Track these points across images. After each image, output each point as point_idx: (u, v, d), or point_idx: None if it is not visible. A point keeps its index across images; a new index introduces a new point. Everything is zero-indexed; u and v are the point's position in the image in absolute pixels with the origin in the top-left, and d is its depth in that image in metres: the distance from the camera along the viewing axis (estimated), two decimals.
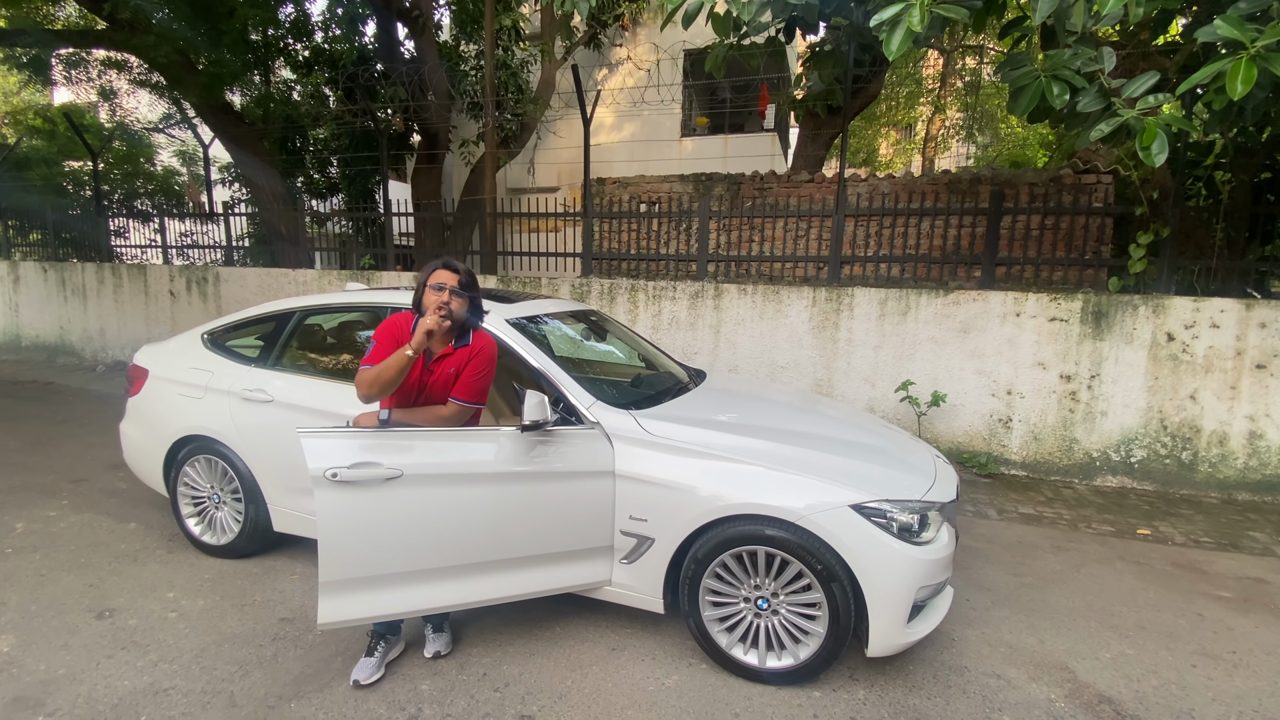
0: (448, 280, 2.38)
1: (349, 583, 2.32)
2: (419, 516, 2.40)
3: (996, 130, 16.11)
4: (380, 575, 2.37)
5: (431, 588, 2.45)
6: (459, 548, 2.48)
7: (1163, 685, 2.57)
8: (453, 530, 2.46)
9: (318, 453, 2.26)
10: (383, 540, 2.36)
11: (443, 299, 2.33)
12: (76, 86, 11.88)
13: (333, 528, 2.28)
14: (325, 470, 2.24)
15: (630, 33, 12.03)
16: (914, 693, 2.49)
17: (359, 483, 2.29)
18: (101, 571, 3.29)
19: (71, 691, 2.39)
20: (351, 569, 2.32)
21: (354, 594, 2.34)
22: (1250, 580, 3.47)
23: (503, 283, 6.69)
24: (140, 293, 8.70)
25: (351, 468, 2.27)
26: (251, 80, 10.45)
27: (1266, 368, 4.54)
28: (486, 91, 7.43)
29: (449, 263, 2.43)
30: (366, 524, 2.33)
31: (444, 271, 2.40)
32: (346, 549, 2.31)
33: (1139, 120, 2.97)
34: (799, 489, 2.43)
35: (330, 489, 2.26)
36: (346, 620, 2.35)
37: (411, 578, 2.42)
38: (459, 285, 2.39)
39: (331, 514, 2.27)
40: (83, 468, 4.81)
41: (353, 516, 2.30)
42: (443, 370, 2.45)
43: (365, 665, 2.51)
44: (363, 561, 2.34)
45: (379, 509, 2.33)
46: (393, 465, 2.32)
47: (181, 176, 14.71)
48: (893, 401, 5.38)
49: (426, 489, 2.39)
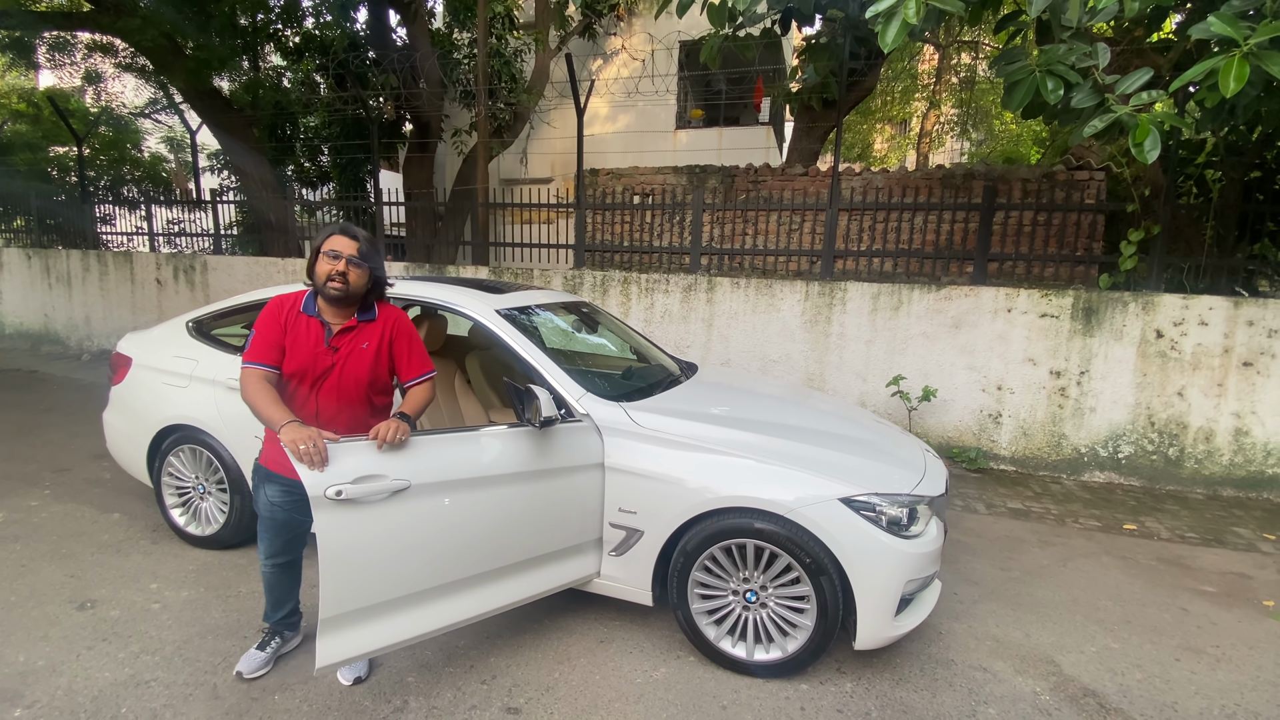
0: (344, 248, 2.14)
1: (353, 615, 2.05)
2: (429, 530, 2.20)
3: (990, 126, 16.14)
4: (386, 601, 2.13)
5: (438, 607, 2.26)
6: (467, 559, 2.31)
7: (1147, 679, 2.59)
8: (461, 540, 2.29)
9: (314, 472, 1.96)
10: (392, 561, 2.12)
11: (337, 268, 2.12)
12: (61, 70, 11.68)
13: (338, 555, 1.99)
14: (327, 489, 1.95)
15: (625, 22, 11.94)
16: (901, 685, 2.49)
17: (363, 500, 2.02)
18: (83, 562, 3.25)
19: (51, 683, 2.36)
20: (359, 599, 2.05)
21: (358, 626, 2.06)
22: (1234, 575, 3.51)
23: (495, 273, 6.65)
24: (126, 281, 8.59)
25: (355, 483, 2.00)
26: (240, 66, 10.29)
27: (1253, 365, 4.57)
28: (479, 80, 7.35)
29: (347, 228, 2.19)
30: (374, 546, 2.07)
31: (341, 238, 2.16)
32: (353, 577, 2.03)
33: (1132, 117, 2.97)
34: (789, 482, 2.42)
35: (333, 510, 1.97)
36: (347, 659, 2.07)
37: (418, 599, 2.20)
38: (358, 254, 2.16)
39: (336, 539, 1.98)
40: (66, 457, 4.75)
41: (359, 539, 2.04)
42: (351, 346, 2.22)
43: (253, 658, 2.42)
44: (371, 589, 2.08)
45: (388, 526, 2.09)
46: (399, 475, 2.09)
47: (169, 163, 14.53)
48: (884, 396, 5.39)
49: (435, 498, 2.19)
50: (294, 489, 2.22)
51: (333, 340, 2.21)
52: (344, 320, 2.24)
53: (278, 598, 2.48)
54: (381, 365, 2.29)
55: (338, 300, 2.19)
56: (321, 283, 2.17)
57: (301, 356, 2.18)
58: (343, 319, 2.24)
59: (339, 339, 2.22)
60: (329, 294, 2.17)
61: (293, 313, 2.22)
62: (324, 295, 2.19)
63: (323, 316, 2.23)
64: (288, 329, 2.19)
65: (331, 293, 2.16)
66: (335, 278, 2.14)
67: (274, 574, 2.44)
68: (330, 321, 2.23)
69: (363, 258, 2.18)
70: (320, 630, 2.00)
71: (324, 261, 2.15)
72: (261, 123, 10.08)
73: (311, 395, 2.21)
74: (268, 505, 2.32)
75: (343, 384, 2.22)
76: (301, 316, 2.22)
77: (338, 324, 2.23)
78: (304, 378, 2.19)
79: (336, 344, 2.21)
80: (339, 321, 2.24)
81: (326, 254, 2.15)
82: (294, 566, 2.49)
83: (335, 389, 2.22)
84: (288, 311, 2.22)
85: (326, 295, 2.18)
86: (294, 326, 2.21)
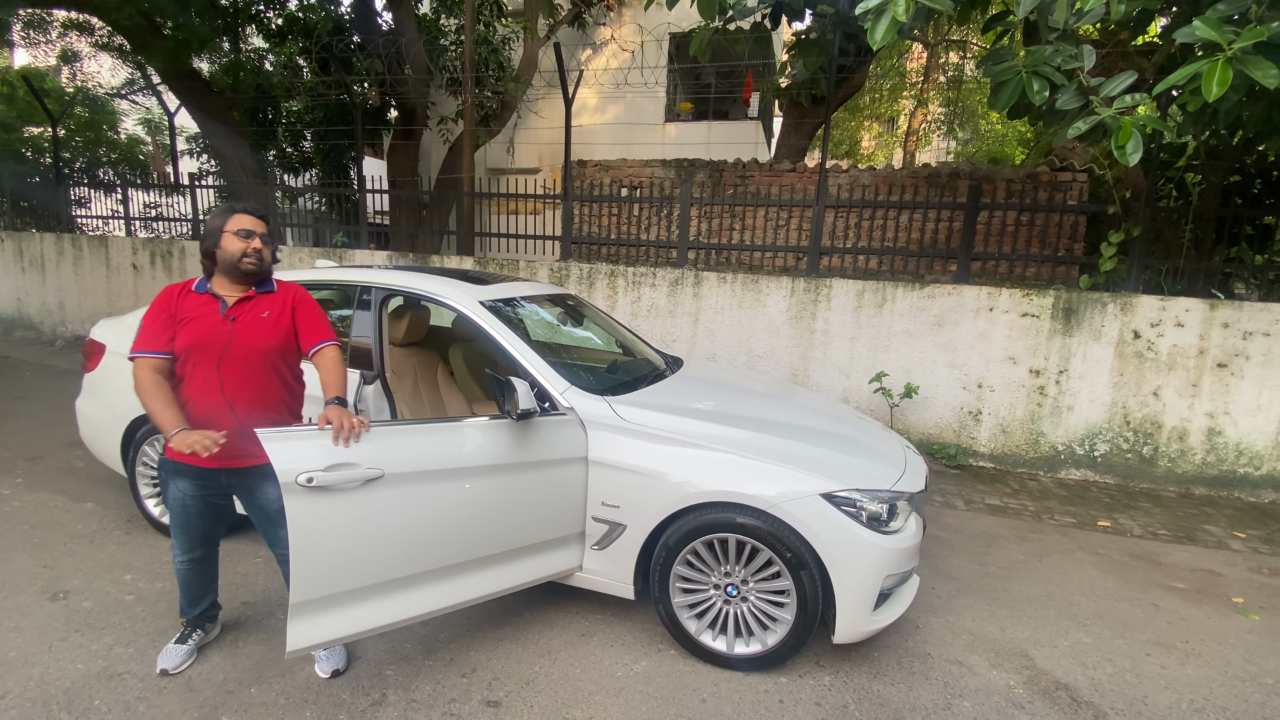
0: (256, 226, 2.22)
1: (324, 600, 2.07)
2: (402, 519, 2.20)
3: (977, 126, 16.26)
4: (359, 588, 2.14)
5: (412, 595, 2.26)
6: (442, 549, 2.31)
7: (1118, 673, 2.65)
8: (436, 531, 2.29)
9: (286, 456, 1.97)
10: (364, 549, 2.13)
11: (253, 245, 2.19)
12: (37, 49, 11.35)
13: (308, 541, 2.01)
14: (297, 475, 1.96)
15: (615, 12, 11.85)
16: (878, 679, 2.52)
17: (335, 487, 2.04)
18: (56, 552, 3.19)
19: (23, 674, 2.32)
20: (329, 585, 2.07)
21: (328, 612, 2.09)
22: (1204, 572, 3.59)
23: (480, 264, 6.59)
24: (102, 265, 8.41)
25: (328, 470, 2.01)
26: (220, 47, 10.06)
27: (1227, 366, 4.66)
28: (466, 67, 7.27)
29: (249, 206, 2.26)
30: (345, 533, 2.09)
31: (247, 217, 2.22)
32: (323, 563, 2.06)
33: (1115, 119, 3.00)
34: (771, 477, 2.43)
35: (303, 497, 1.98)
36: (319, 643, 2.09)
37: (391, 587, 2.21)
38: (267, 232, 2.25)
39: (306, 525, 2.00)
40: (38, 445, 4.65)
41: (330, 526, 2.05)
42: (251, 315, 2.22)
43: (175, 653, 2.39)
44: (341, 575, 2.10)
45: (359, 514, 2.10)
46: (373, 464, 2.10)
47: (146, 146, 14.20)
48: (866, 392, 5.43)
49: (409, 488, 2.20)
50: (208, 478, 2.24)
51: (229, 310, 2.21)
52: (241, 293, 2.25)
53: (195, 593, 2.44)
54: (284, 332, 2.27)
55: (251, 275, 2.23)
56: (236, 260, 2.18)
57: (197, 330, 2.16)
58: (239, 292, 2.25)
59: (236, 309, 2.22)
60: (245, 269, 2.20)
61: (183, 295, 2.21)
62: (238, 271, 2.20)
63: (216, 291, 2.22)
64: (178, 311, 2.17)
65: (248, 268, 2.20)
66: (251, 254, 2.19)
67: (191, 570, 2.39)
68: (225, 295, 2.23)
69: (270, 235, 2.26)
70: (291, 615, 2.02)
71: (236, 240, 2.18)
72: (242, 106, 9.87)
73: (215, 369, 2.17)
74: (180, 499, 2.27)
75: (246, 353, 2.20)
76: (193, 295, 2.22)
77: (234, 297, 2.24)
78: (205, 352, 2.16)
79: (234, 313, 2.21)
80: (235, 295, 2.24)
81: (238, 233, 2.18)
82: (210, 560, 2.45)
83: (238, 359, 2.19)
84: (177, 296, 2.21)
85: (241, 271, 2.20)
86: (185, 306, 2.19)
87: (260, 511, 2.33)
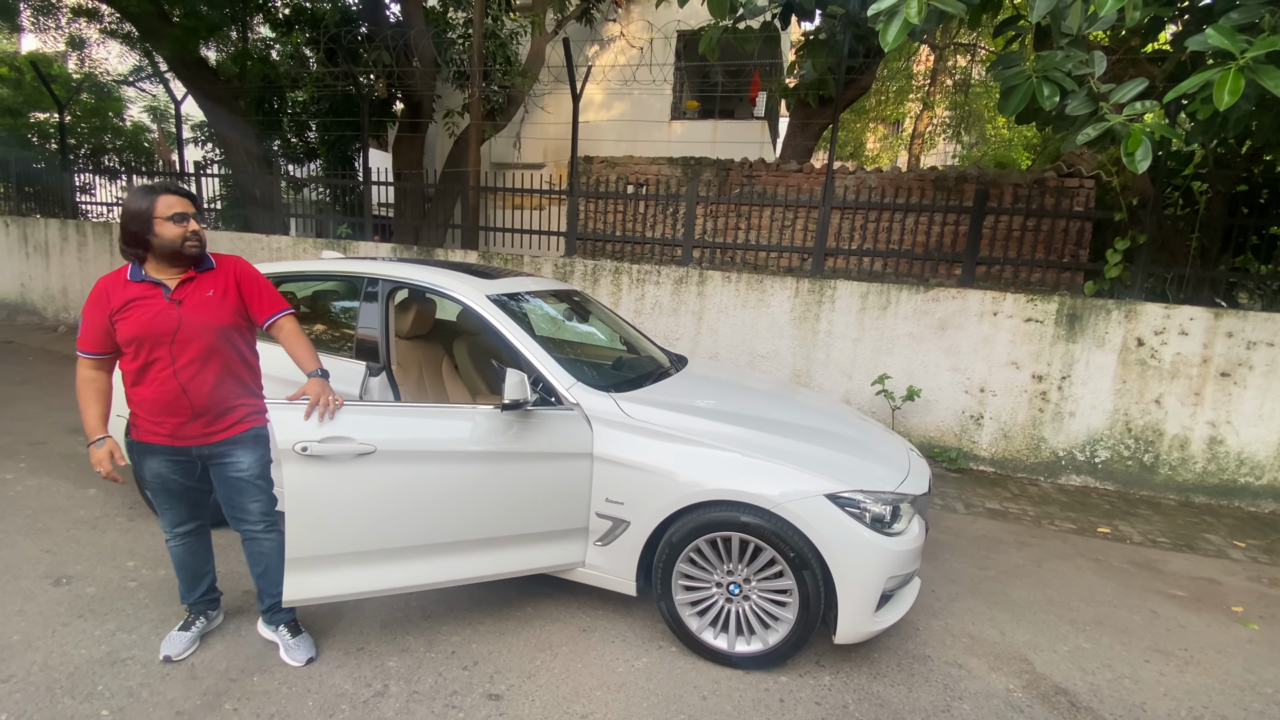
0: (188, 208, 2.14)
1: (317, 559, 2.27)
2: (392, 494, 2.34)
3: (983, 130, 16.24)
4: (350, 553, 2.32)
5: (403, 566, 2.41)
6: (432, 527, 2.43)
7: (1116, 679, 2.65)
8: (427, 509, 2.41)
9: (286, 425, 2.18)
10: (353, 517, 2.30)
11: (191, 228, 2.12)
12: (45, 34, 11.33)
13: (301, 504, 2.21)
14: (294, 444, 2.16)
15: (624, 9, 11.83)
16: (878, 680, 2.53)
17: (329, 458, 2.22)
18: (59, 538, 3.20)
19: (26, 659, 2.33)
20: (320, 546, 2.27)
21: (322, 571, 2.29)
22: (1203, 580, 3.59)
23: (484, 258, 6.59)
24: (106, 252, 8.41)
25: (322, 442, 2.20)
26: (228, 36, 10.06)
27: (1230, 376, 4.66)
28: (474, 61, 7.25)
29: (172, 186, 2.16)
30: (336, 500, 2.26)
31: (175, 197, 2.11)
32: (315, 526, 2.24)
33: (1125, 126, 3.00)
34: (775, 477, 2.43)
35: (299, 463, 2.18)
36: (313, 598, 2.30)
37: (382, 556, 2.37)
38: (196, 211, 2.18)
39: (300, 490, 2.20)
40: (41, 430, 4.66)
41: (322, 493, 2.24)
42: (196, 296, 2.17)
43: (178, 639, 2.41)
44: (332, 539, 2.28)
45: (350, 485, 2.27)
46: (366, 440, 2.26)
47: (152, 133, 14.18)
48: (869, 394, 5.43)
49: (400, 466, 2.34)
50: (179, 454, 2.24)
51: (174, 294, 2.15)
52: (181, 275, 2.19)
53: (192, 574, 2.45)
54: (233, 308, 2.25)
55: (193, 258, 2.18)
56: (178, 245, 2.12)
57: (142, 320, 2.10)
58: (179, 275, 2.19)
59: (180, 291, 2.17)
60: (189, 253, 2.15)
61: (117, 286, 2.14)
62: (180, 256, 2.15)
63: (155, 277, 2.16)
64: (115, 305, 2.11)
65: (192, 251, 2.15)
66: (191, 237, 2.14)
67: (184, 547, 2.40)
68: (165, 280, 2.16)
69: (199, 210, 2.22)
70: (286, 569, 2.24)
71: (172, 226, 2.10)
72: (248, 95, 9.87)
73: (168, 355, 2.14)
74: (158, 477, 2.27)
75: (197, 335, 2.16)
76: (131, 285, 2.14)
77: (174, 280, 2.18)
78: (155, 340, 2.12)
79: (178, 296, 2.16)
80: (175, 278, 2.18)
81: (171, 218, 2.09)
82: (202, 535, 2.45)
83: (190, 341, 2.15)
84: (112, 288, 2.14)
85: (186, 255, 2.15)
86: (123, 298, 2.12)
87: (229, 484, 2.31)
